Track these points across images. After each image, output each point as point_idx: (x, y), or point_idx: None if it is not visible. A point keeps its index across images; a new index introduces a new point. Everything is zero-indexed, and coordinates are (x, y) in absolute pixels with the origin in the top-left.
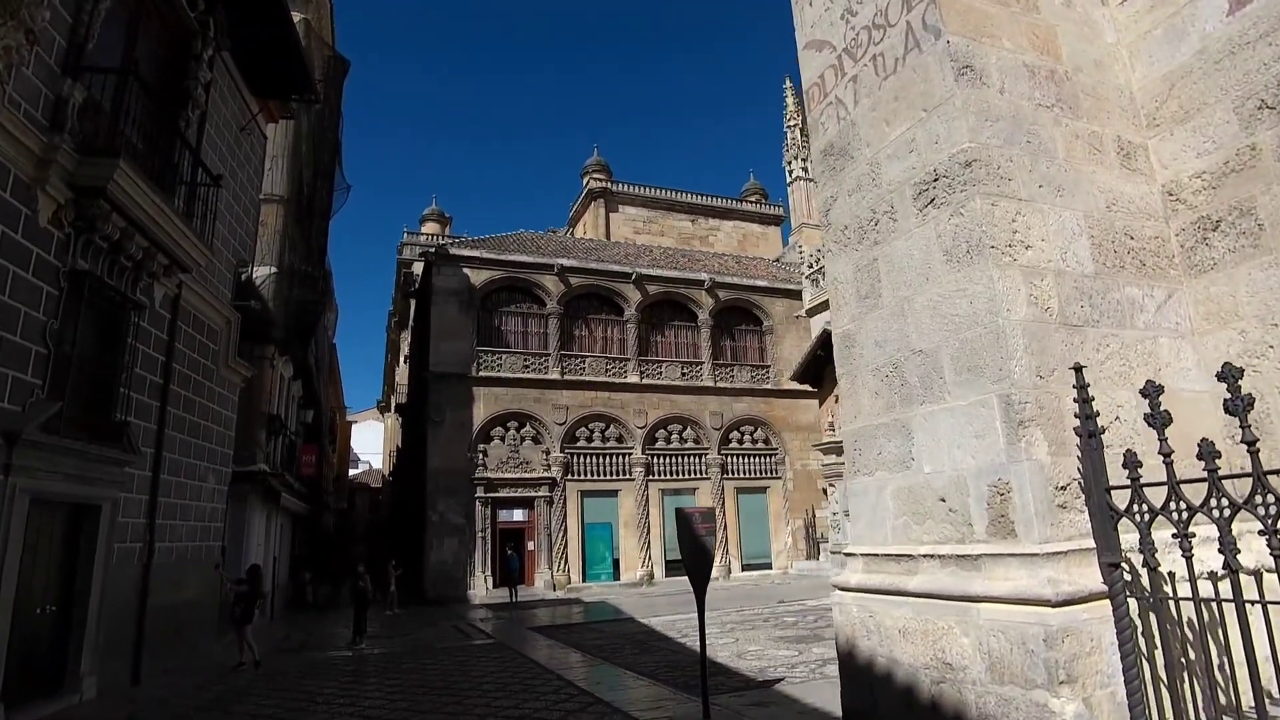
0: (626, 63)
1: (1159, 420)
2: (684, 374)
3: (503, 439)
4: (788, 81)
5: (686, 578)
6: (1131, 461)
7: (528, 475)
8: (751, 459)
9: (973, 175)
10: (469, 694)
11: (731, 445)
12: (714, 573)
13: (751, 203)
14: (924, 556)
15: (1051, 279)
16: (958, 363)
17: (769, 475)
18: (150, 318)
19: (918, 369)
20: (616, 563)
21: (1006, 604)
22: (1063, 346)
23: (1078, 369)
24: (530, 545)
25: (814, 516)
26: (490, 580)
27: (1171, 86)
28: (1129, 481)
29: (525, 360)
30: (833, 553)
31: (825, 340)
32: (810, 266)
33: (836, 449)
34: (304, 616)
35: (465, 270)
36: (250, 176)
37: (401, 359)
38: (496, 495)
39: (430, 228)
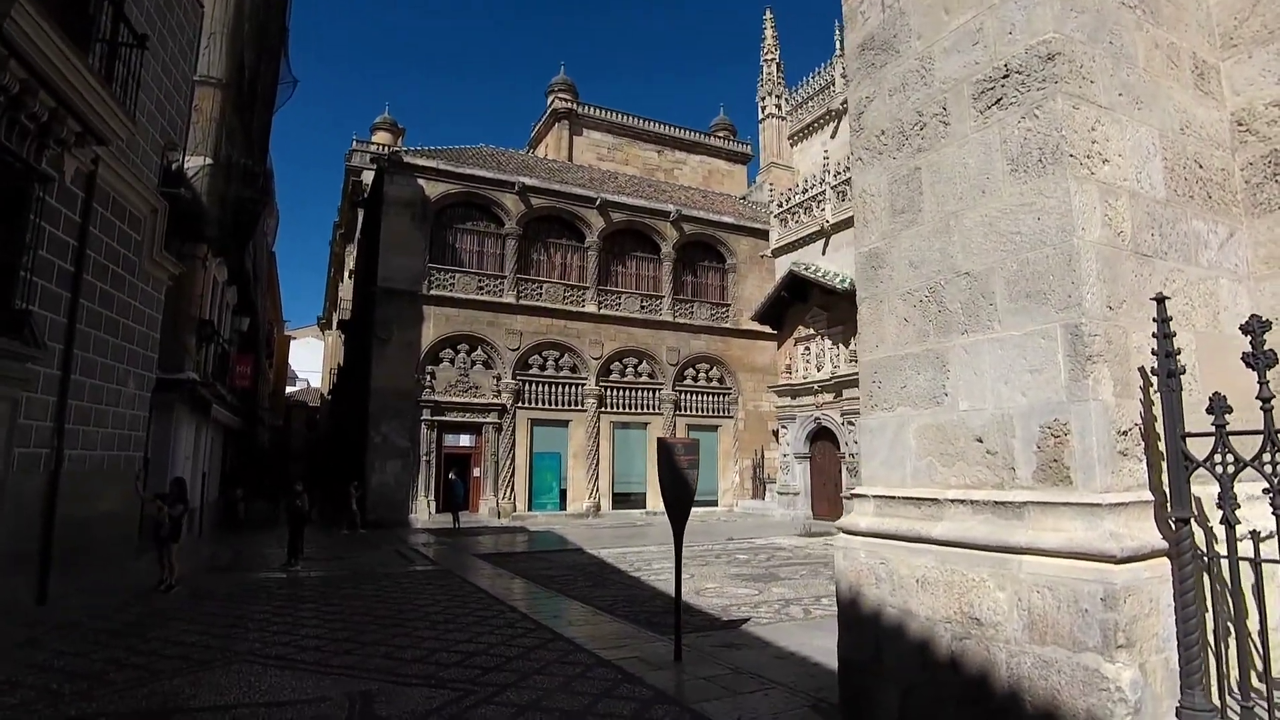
0: None
1: (1263, 361)
2: (643, 307)
3: (452, 362)
4: (768, 13)
5: (633, 510)
6: (1219, 406)
7: (477, 400)
8: (705, 397)
9: (1054, 71)
10: (417, 624)
11: (686, 382)
12: (660, 508)
13: (720, 138)
14: (952, 501)
15: (1126, 200)
16: (1014, 287)
17: (721, 414)
18: (60, 194)
19: (961, 294)
20: (564, 493)
21: (1056, 557)
22: (1133, 277)
23: (1160, 300)
24: (476, 472)
25: (763, 457)
26: (434, 505)
27: (1256, 3)
28: (1212, 429)
29: (480, 281)
30: (780, 493)
31: (791, 282)
32: (780, 205)
33: (791, 392)
34: (235, 536)
35: (420, 181)
36: (183, 48)
37: (346, 274)
38: (444, 419)
39: (382, 137)
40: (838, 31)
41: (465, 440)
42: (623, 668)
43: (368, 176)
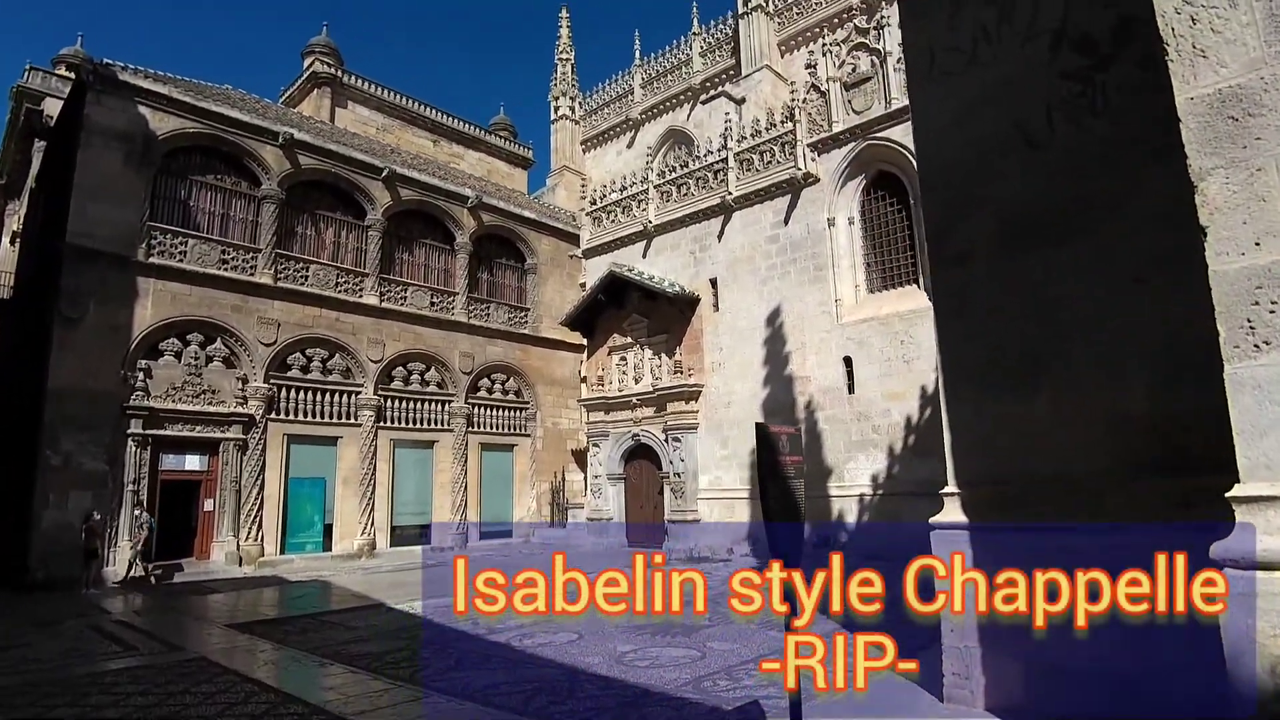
0: None
1: None
2: (434, 304)
3: (179, 356)
4: (564, 12)
5: (416, 546)
6: None
7: (214, 409)
8: (501, 412)
9: None
10: None
11: (480, 394)
12: (449, 541)
13: (501, 137)
14: None
15: None
16: None
17: (518, 432)
18: None
19: None
20: (329, 529)
21: None
22: None
23: None
24: (209, 504)
25: (564, 480)
26: (142, 555)
27: None
28: None
29: (224, 252)
30: (590, 519)
31: (609, 284)
32: (593, 203)
33: (605, 406)
34: None
35: (143, 109)
36: None
37: (6, 237)
38: (162, 433)
39: (70, 75)
40: (637, 40)
41: (194, 462)
42: None
43: (54, 106)
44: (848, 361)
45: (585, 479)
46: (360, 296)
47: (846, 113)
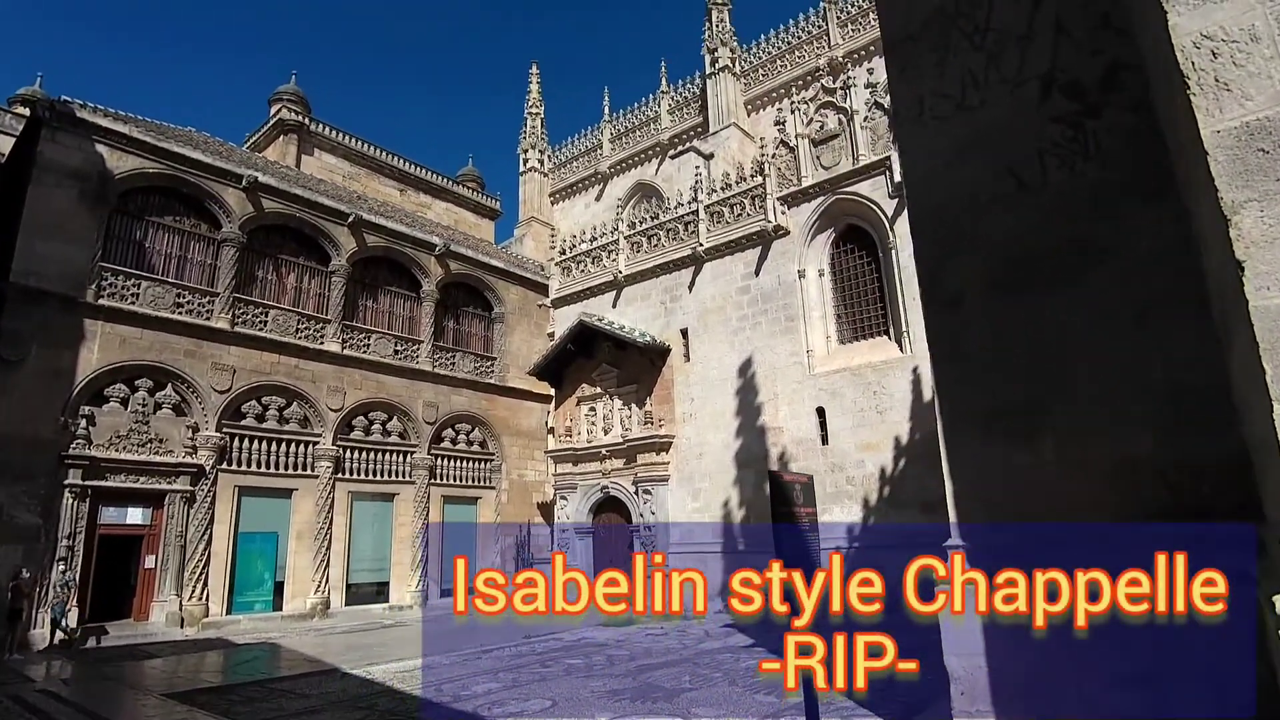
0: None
1: None
2: (398, 352)
3: (126, 403)
4: (534, 67)
5: (373, 605)
6: None
7: (160, 459)
8: (466, 463)
9: None
10: None
11: (444, 445)
12: (408, 599)
13: (469, 188)
14: None
15: None
16: None
17: (482, 484)
18: None
19: None
20: (279, 587)
21: None
22: None
23: None
24: (149, 561)
25: (529, 534)
26: (74, 615)
27: None
28: None
29: (180, 295)
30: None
31: (579, 334)
32: (563, 253)
33: (573, 457)
34: None
35: (100, 147)
36: None
37: None
38: (102, 484)
39: (26, 112)
40: (606, 97)
41: (136, 515)
42: None
43: (8, 144)
44: (820, 412)
45: (552, 532)
46: (322, 343)
47: (815, 168)
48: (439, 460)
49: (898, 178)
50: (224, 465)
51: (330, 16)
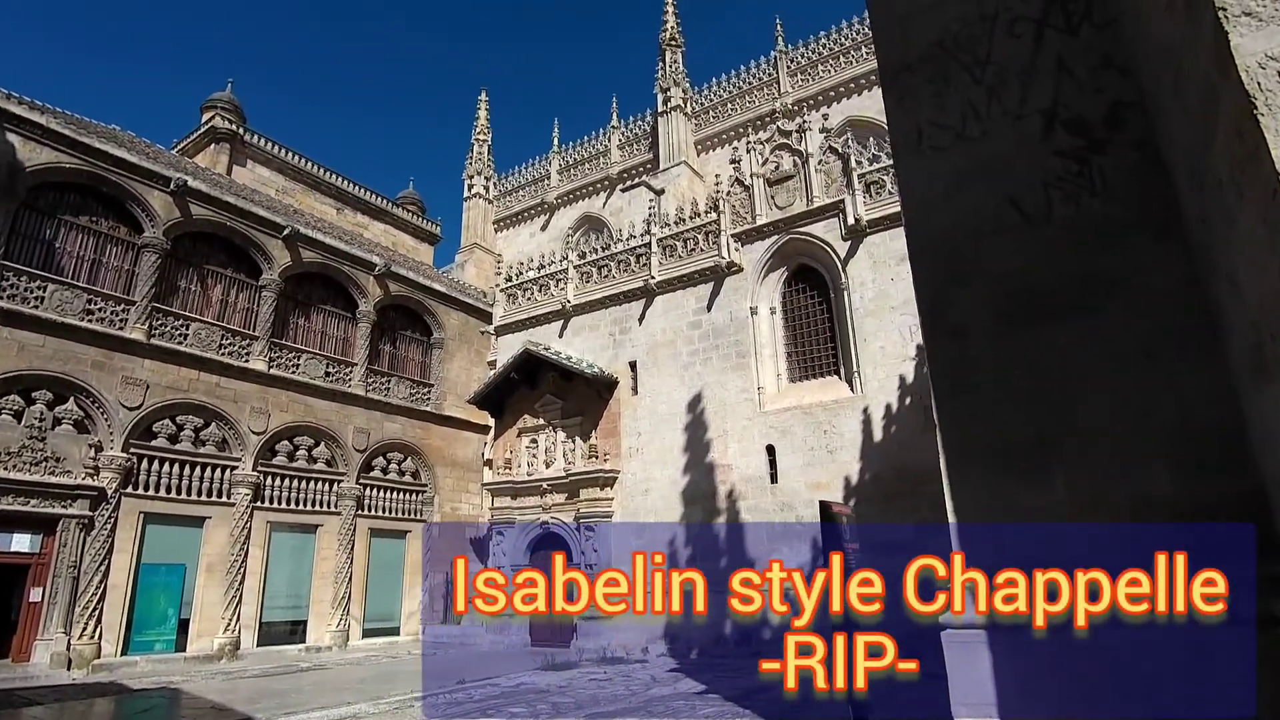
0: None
1: None
2: (329, 374)
3: (19, 416)
4: (484, 94)
5: (288, 646)
6: None
7: (55, 479)
8: (396, 494)
9: None
10: None
11: (374, 474)
12: (328, 640)
13: (409, 211)
14: None
15: None
16: None
17: (413, 517)
18: None
19: None
20: (184, 624)
21: None
22: None
23: None
24: (35, 594)
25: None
26: None
27: None
28: None
29: (91, 302)
30: (489, 615)
31: (524, 363)
32: (509, 280)
33: (512, 491)
34: None
35: (11, 137)
36: None
37: None
38: None
39: None
40: (556, 128)
41: (23, 542)
42: None
43: None
44: (770, 450)
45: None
46: (247, 361)
47: (770, 207)
48: (368, 490)
49: (850, 220)
50: (129, 489)
51: (270, 29)
